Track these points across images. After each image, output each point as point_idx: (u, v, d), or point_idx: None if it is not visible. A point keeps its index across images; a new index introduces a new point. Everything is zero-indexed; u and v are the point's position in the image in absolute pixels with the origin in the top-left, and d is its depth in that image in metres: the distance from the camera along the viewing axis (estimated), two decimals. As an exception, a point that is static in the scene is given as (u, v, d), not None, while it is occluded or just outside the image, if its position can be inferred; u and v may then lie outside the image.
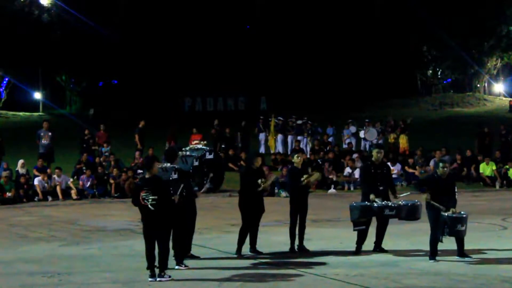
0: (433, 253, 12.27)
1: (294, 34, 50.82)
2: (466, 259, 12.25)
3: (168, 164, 11.87)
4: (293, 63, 50.23)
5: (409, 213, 12.94)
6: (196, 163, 12.36)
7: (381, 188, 12.95)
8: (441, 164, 12.46)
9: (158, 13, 49.38)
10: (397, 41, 51.05)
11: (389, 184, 13.30)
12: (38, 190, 22.59)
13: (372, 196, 12.78)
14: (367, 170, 13.22)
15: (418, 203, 12.99)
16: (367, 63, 50.89)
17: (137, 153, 26.37)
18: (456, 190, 12.58)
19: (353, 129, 30.65)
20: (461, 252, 12.36)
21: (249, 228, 12.98)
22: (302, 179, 13.17)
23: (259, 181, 12.89)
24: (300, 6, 51.21)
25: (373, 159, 13.31)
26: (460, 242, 12.33)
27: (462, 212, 12.26)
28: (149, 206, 10.83)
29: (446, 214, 12.06)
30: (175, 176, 11.75)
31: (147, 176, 11.08)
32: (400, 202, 12.91)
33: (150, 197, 10.83)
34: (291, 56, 50.48)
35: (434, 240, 12.26)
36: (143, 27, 48.65)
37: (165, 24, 49.10)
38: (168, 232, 11.30)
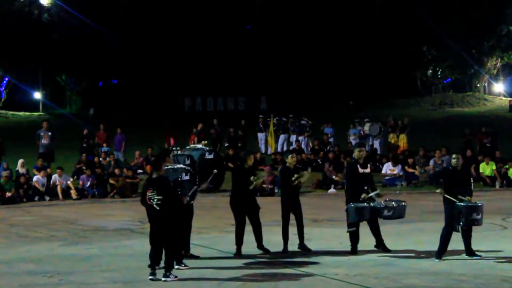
0: (441, 252, 12.25)
1: (294, 34, 50.81)
2: (475, 257, 12.27)
3: (180, 165, 11.85)
4: (293, 63, 50.21)
5: (400, 213, 13.09)
6: (187, 162, 12.28)
7: (365, 187, 13.03)
8: (454, 156, 12.54)
9: (158, 13, 49.36)
10: (397, 41, 51.03)
11: (371, 183, 13.31)
12: (37, 185, 22.54)
13: (364, 195, 12.86)
14: (354, 169, 13.19)
15: (405, 203, 13.15)
16: (367, 63, 50.88)
17: (137, 153, 26.39)
18: (472, 181, 12.71)
19: (359, 128, 30.49)
20: (469, 250, 12.36)
21: (243, 227, 12.96)
22: (292, 179, 13.18)
23: (252, 178, 12.90)
24: (300, 6, 51.20)
25: (356, 157, 13.30)
26: (467, 239, 12.33)
27: (477, 202, 12.36)
28: (154, 206, 10.89)
29: (462, 204, 12.11)
30: (186, 177, 11.69)
31: (154, 176, 11.11)
32: (393, 203, 13.00)
33: (156, 197, 10.87)
34: (291, 56, 50.47)
35: (446, 237, 12.23)
36: (143, 27, 48.64)
37: (165, 24, 49.09)
38: (173, 232, 11.28)
